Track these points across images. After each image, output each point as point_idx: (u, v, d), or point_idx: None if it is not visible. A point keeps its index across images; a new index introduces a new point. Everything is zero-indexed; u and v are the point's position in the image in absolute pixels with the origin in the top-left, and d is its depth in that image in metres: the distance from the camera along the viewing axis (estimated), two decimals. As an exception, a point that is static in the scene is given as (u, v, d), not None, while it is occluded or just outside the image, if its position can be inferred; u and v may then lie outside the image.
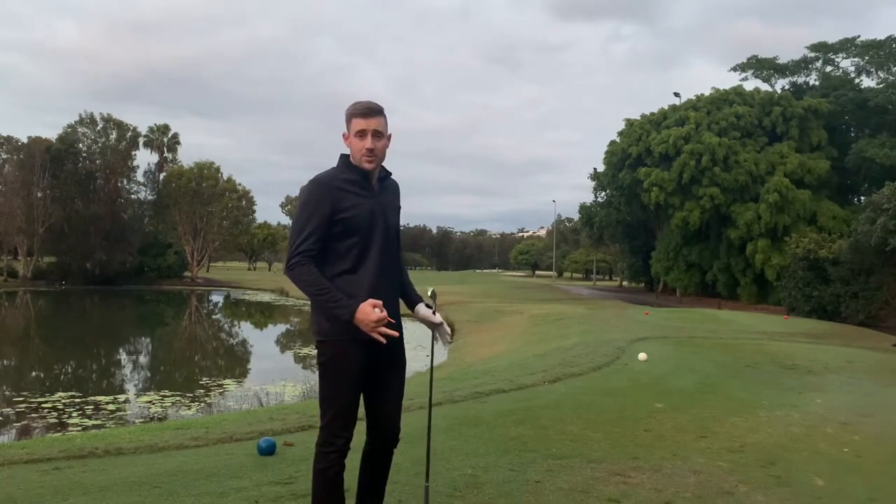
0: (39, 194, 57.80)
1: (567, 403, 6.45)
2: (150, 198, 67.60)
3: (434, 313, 2.90)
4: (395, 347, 2.80)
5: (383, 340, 2.54)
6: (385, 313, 2.52)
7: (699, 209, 41.21)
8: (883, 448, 5.11)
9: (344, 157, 2.74)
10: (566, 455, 4.55)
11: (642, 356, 9.84)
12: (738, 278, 42.13)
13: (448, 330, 2.95)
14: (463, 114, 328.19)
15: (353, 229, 2.64)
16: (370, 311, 2.51)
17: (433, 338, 2.95)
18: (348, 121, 2.70)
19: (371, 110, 2.68)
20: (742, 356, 10.89)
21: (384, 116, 2.71)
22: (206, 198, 67.11)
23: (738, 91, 45.38)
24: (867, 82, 45.51)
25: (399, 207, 2.90)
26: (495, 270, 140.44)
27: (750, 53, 52.49)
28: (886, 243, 26.71)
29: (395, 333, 2.56)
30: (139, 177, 66.21)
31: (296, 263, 2.59)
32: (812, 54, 47.55)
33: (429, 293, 3.02)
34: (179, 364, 21.06)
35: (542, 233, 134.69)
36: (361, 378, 2.68)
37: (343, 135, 2.73)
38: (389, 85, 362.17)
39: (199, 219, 67.18)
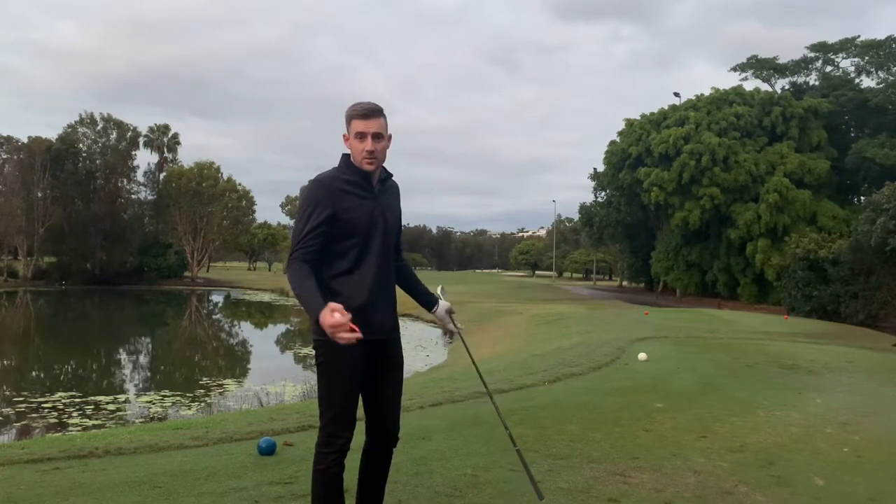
0: (39, 194, 57.83)
1: (567, 403, 6.45)
2: (150, 198, 67.66)
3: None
4: (393, 347, 2.81)
5: (342, 341, 2.38)
6: (344, 319, 2.36)
7: (699, 209, 41.23)
8: (883, 448, 5.11)
9: (345, 158, 2.74)
10: (566, 455, 4.55)
11: (642, 356, 9.84)
12: (738, 278, 42.15)
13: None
14: (463, 114, 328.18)
15: (352, 230, 2.64)
16: (327, 316, 2.36)
17: (454, 328, 2.99)
18: (348, 122, 2.69)
19: (371, 111, 2.65)
20: (742, 356, 10.88)
21: (384, 117, 2.69)
22: (206, 198, 67.10)
23: (737, 91, 45.41)
24: (867, 82, 45.64)
25: (399, 209, 2.90)
26: (495, 270, 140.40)
27: (749, 54, 52.47)
28: (886, 243, 26.71)
29: (357, 336, 2.38)
30: (139, 177, 66.39)
31: (289, 263, 2.61)
32: (812, 54, 47.59)
33: (439, 290, 3.08)
34: (179, 364, 21.07)
35: (542, 233, 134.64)
36: (360, 378, 2.68)
37: (343, 136, 2.72)
38: (389, 85, 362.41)
39: (199, 219, 67.17)
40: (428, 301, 3.00)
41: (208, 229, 68.00)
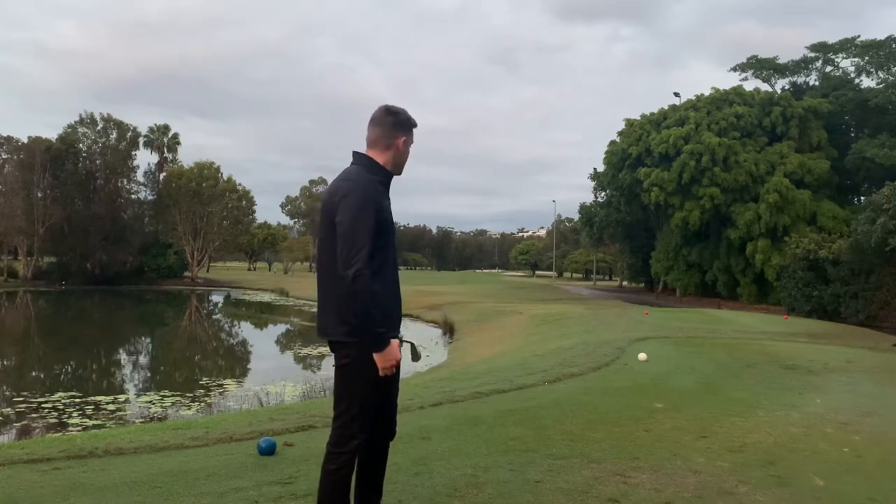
0: (39, 194, 57.79)
1: (567, 403, 6.45)
2: (150, 198, 67.56)
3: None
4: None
5: (383, 372, 2.64)
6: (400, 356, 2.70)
7: (699, 209, 41.20)
8: (883, 448, 5.11)
9: (369, 160, 2.76)
10: (566, 455, 4.55)
11: (642, 356, 9.84)
12: (738, 278, 42.13)
13: None
14: (463, 114, 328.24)
15: (387, 229, 2.71)
16: (398, 351, 2.64)
17: None
18: (407, 129, 2.79)
19: None
20: (742, 356, 10.88)
21: None
22: (206, 198, 67.05)
23: (737, 91, 45.38)
24: (867, 82, 45.56)
25: None
26: (495, 270, 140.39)
27: (749, 54, 52.41)
28: (886, 243, 26.71)
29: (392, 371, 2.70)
30: (139, 177, 66.24)
31: (365, 275, 2.53)
32: (812, 54, 47.57)
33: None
34: (179, 364, 21.06)
35: (542, 233, 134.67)
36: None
37: (401, 140, 2.79)
38: (390, 85, 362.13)
39: (199, 219, 67.14)
40: None
41: (208, 229, 67.96)
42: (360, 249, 2.54)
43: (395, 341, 2.63)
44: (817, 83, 48.02)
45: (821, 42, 46.81)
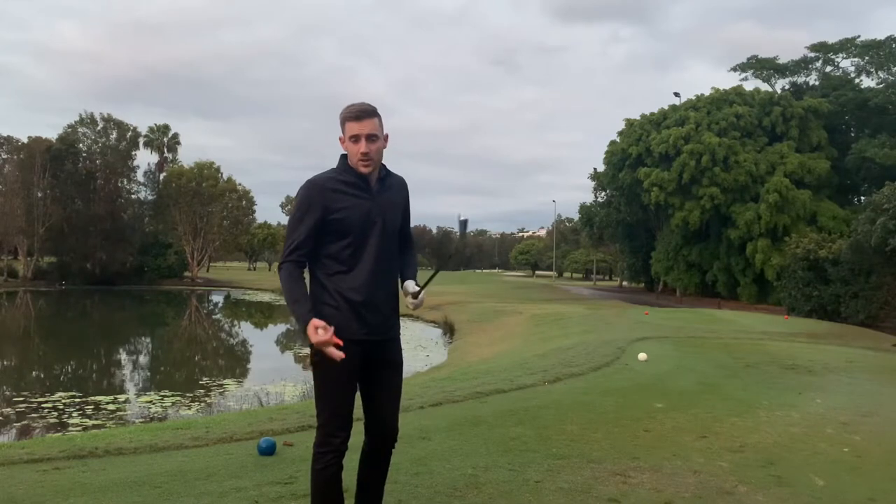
0: (39, 194, 57.82)
1: (567, 403, 6.45)
2: (150, 198, 67.62)
3: (418, 286, 2.87)
4: (391, 347, 2.81)
5: (334, 356, 2.50)
6: (327, 336, 2.48)
7: (699, 209, 41.22)
8: (883, 448, 5.11)
9: (343, 159, 2.75)
10: (566, 455, 4.55)
11: (642, 356, 9.83)
12: (738, 278, 42.15)
13: (419, 303, 2.87)
14: (463, 115, 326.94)
15: (346, 231, 2.65)
16: (311, 333, 2.50)
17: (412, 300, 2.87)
18: (342, 124, 2.69)
19: (364, 112, 2.66)
20: (742, 356, 10.88)
21: (378, 117, 2.69)
22: (206, 198, 67.08)
23: (737, 91, 45.41)
24: (867, 82, 45.64)
25: (403, 203, 2.88)
26: (495, 270, 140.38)
27: (749, 55, 52.41)
28: (886, 243, 26.69)
29: (339, 355, 2.50)
30: (139, 177, 66.33)
31: (282, 267, 2.68)
32: (812, 54, 47.60)
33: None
34: (179, 364, 21.06)
35: (542, 233, 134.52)
36: (355, 378, 2.69)
37: (339, 138, 2.72)
38: (390, 86, 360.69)
39: (199, 219, 67.16)
40: (402, 277, 2.92)
41: (208, 229, 67.98)
42: (289, 248, 2.68)
43: (314, 321, 2.49)
44: (817, 83, 48.04)
45: (821, 42, 46.89)
